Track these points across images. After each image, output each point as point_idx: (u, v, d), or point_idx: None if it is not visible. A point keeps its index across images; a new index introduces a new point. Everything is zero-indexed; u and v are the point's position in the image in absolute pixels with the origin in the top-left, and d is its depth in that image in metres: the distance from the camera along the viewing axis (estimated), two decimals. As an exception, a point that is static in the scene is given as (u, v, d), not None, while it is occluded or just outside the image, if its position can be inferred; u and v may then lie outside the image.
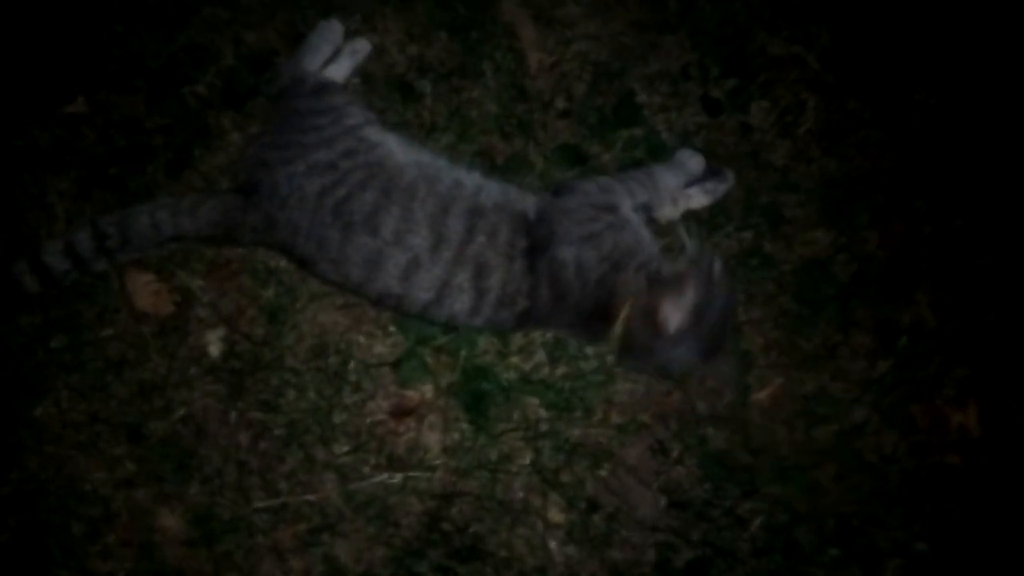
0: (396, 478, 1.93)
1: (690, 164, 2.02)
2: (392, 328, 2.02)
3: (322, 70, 2.08)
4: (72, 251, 1.86)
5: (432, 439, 1.96)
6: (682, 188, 1.98)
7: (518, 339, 2.03)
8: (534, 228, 1.77)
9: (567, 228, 1.77)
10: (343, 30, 2.13)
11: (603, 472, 1.95)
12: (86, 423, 1.95)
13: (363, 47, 2.14)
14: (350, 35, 2.15)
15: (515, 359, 2.02)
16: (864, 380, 2.04)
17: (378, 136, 1.89)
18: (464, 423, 1.97)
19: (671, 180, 1.97)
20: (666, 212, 1.96)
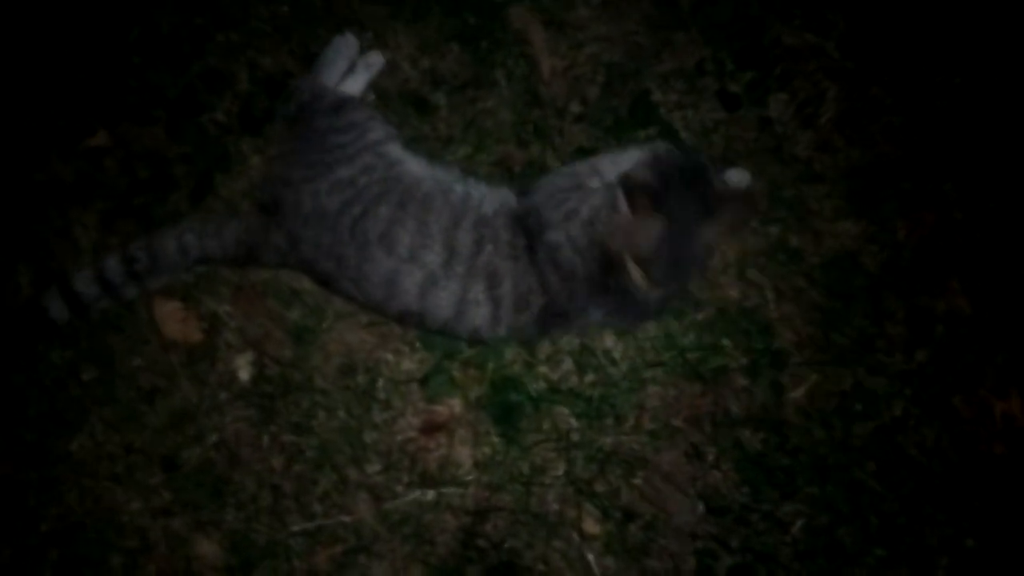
0: (429, 495, 1.88)
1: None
2: (419, 344, 1.97)
3: (339, 85, 2.06)
4: (102, 277, 1.86)
5: (463, 454, 1.90)
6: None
7: (545, 348, 1.97)
8: (524, 222, 1.77)
9: (548, 215, 1.75)
10: (358, 44, 2.11)
11: (638, 480, 1.88)
12: (121, 455, 1.92)
13: (377, 60, 2.12)
14: (363, 50, 2.12)
15: (543, 369, 1.96)
16: (902, 373, 1.95)
17: (398, 153, 1.88)
18: (495, 436, 1.91)
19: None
20: None
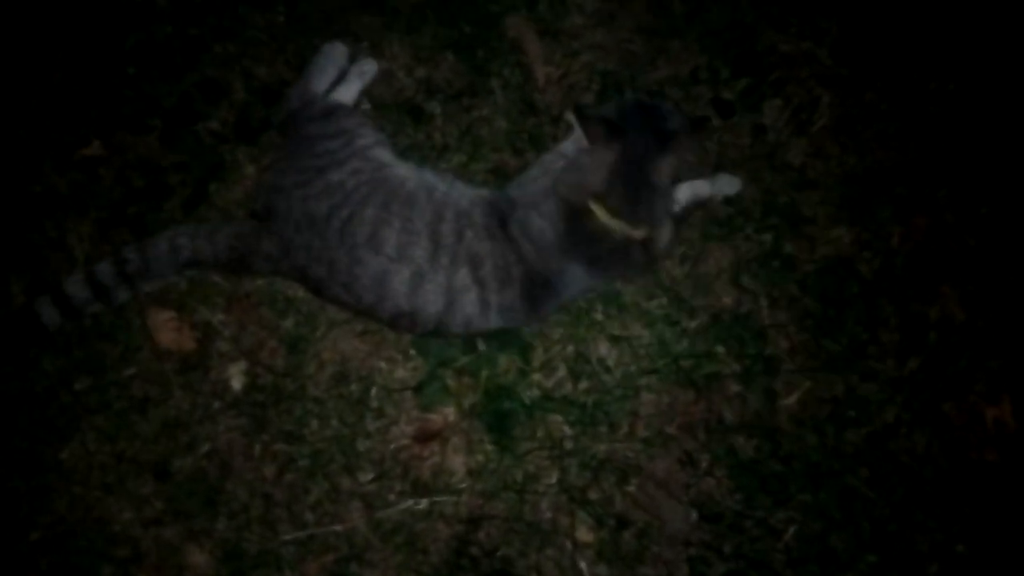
0: (422, 504, 1.84)
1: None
2: (412, 352, 1.94)
3: (331, 93, 2.04)
4: (94, 280, 1.84)
5: (457, 462, 1.87)
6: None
7: (539, 355, 1.93)
8: (498, 206, 1.80)
9: (518, 196, 1.81)
10: (347, 52, 2.08)
11: (631, 487, 1.84)
12: (112, 464, 1.88)
13: (370, 68, 2.10)
14: (356, 58, 2.10)
15: (537, 376, 1.92)
16: (894, 379, 1.92)
17: (387, 157, 1.87)
18: (488, 444, 1.87)
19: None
20: None
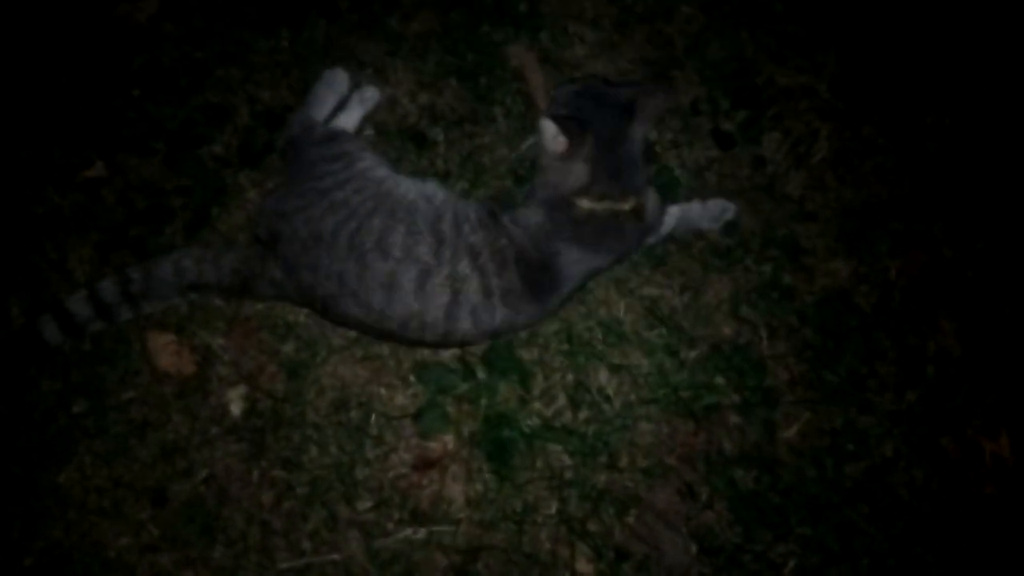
0: (420, 533, 1.79)
1: None
2: (412, 379, 1.90)
3: (332, 119, 2.03)
4: (96, 298, 1.82)
5: (456, 491, 1.82)
6: None
7: (539, 382, 1.91)
8: (489, 206, 1.83)
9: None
10: (348, 78, 2.07)
11: (631, 519, 1.80)
12: (109, 488, 1.83)
13: (372, 95, 2.08)
14: (358, 84, 2.07)
15: (537, 404, 1.89)
16: (892, 412, 1.89)
17: (388, 173, 1.87)
18: (487, 473, 1.83)
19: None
20: None
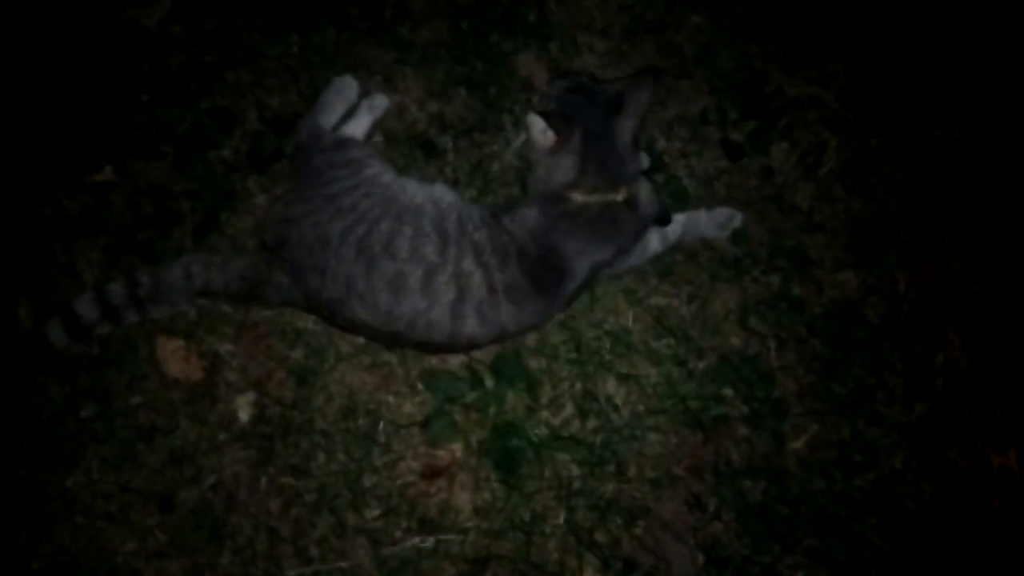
0: (428, 542, 1.77)
1: None
2: (420, 386, 1.88)
3: (341, 126, 2.01)
4: (104, 300, 1.80)
5: (463, 500, 1.80)
6: None
7: (547, 391, 1.89)
8: (491, 208, 1.84)
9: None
10: (357, 86, 2.05)
11: (639, 529, 1.79)
12: (117, 493, 1.81)
13: (381, 102, 2.07)
14: (368, 92, 2.06)
15: (545, 413, 1.87)
16: (901, 424, 1.87)
17: (394, 179, 1.86)
18: (495, 482, 1.82)
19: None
20: None
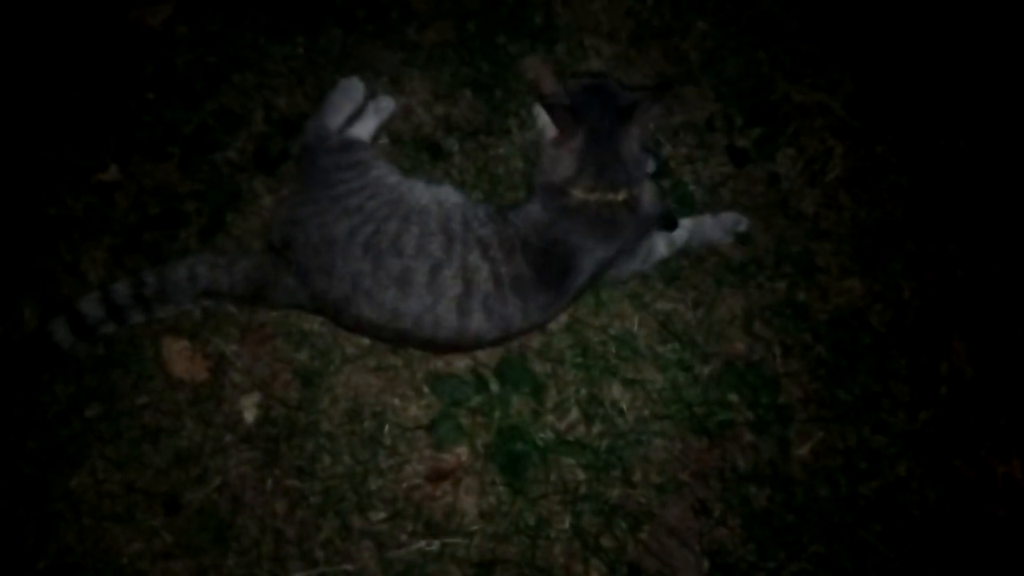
0: (434, 545, 1.76)
1: None
2: (426, 389, 1.86)
3: (347, 128, 2.00)
4: (109, 300, 1.79)
5: (469, 503, 1.79)
6: None
7: (552, 395, 1.87)
8: (497, 207, 1.86)
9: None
10: (364, 87, 2.04)
11: (644, 535, 1.77)
12: (122, 494, 1.80)
13: (387, 104, 2.05)
14: (374, 93, 2.05)
15: (550, 418, 1.85)
16: (905, 432, 1.86)
17: (400, 181, 1.85)
18: (501, 486, 1.80)
19: None
20: None
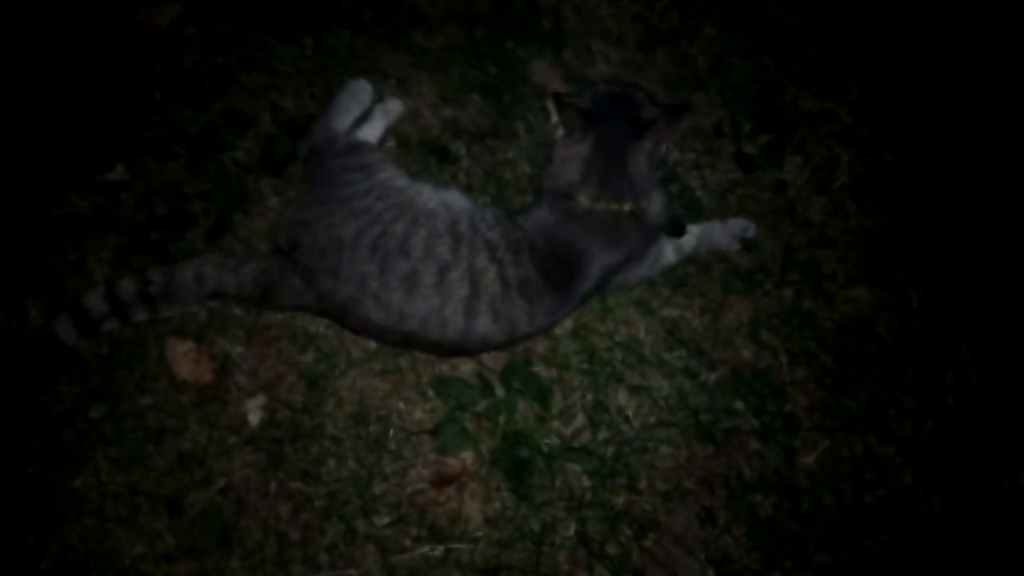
0: (438, 550, 1.74)
1: None
2: (431, 393, 1.85)
3: (355, 130, 1.99)
4: (114, 296, 1.78)
5: (473, 509, 1.77)
6: None
7: (558, 401, 1.86)
8: (505, 209, 1.88)
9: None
10: (371, 90, 2.03)
11: (649, 542, 1.76)
12: (126, 495, 1.78)
13: (395, 107, 2.05)
14: (382, 96, 2.04)
15: (556, 423, 1.84)
16: (912, 441, 1.85)
17: (408, 184, 1.84)
18: (506, 492, 1.79)
19: None
20: None
